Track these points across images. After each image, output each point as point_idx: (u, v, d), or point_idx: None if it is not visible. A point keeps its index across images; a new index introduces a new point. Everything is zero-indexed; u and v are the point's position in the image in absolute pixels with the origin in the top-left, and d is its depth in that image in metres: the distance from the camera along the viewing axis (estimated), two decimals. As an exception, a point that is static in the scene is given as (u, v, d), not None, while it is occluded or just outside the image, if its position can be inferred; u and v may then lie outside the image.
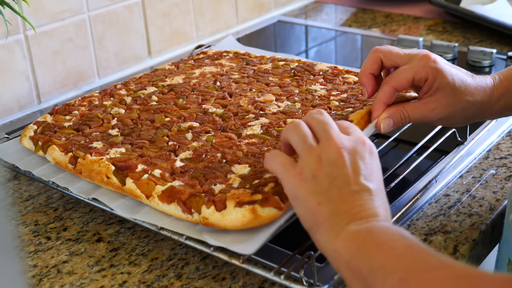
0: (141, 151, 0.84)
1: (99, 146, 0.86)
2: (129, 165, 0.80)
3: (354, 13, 1.63)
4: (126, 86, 1.04)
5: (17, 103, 1.16)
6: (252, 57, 1.14)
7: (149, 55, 1.37)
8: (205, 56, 1.16)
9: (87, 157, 0.83)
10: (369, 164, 0.66)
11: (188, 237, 0.73)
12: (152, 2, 1.34)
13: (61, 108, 0.98)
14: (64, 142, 0.88)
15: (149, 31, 1.35)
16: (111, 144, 0.86)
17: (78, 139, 0.88)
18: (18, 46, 1.14)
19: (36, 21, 1.15)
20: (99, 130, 0.91)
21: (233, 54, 1.16)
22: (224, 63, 1.11)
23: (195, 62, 1.14)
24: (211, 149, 0.83)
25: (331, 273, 0.72)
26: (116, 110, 0.96)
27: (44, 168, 0.87)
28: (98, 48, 1.27)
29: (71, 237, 0.83)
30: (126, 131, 0.90)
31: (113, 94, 1.02)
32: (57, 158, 0.86)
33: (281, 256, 0.76)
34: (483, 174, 0.92)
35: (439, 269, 0.55)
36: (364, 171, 0.65)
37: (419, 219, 0.83)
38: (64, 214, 0.88)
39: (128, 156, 0.83)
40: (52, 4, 1.17)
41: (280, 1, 1.65)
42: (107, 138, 0.88)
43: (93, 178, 0.82)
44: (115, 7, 1.28)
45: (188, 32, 1.44)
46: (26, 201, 0.91)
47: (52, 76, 1.20)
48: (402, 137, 1.01)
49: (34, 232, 0.84)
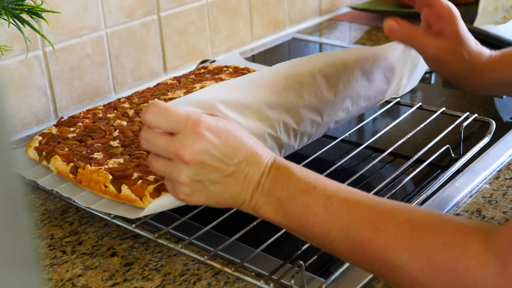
0: (138, 161, 0.87)
1: (99, 157, 0.89)
2: (126, 174, 0.83)
3: (368, 31, 1.64)
4: (129, 100, 1.08)
5: (35, 117, 1.18)
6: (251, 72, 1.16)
7: (165, 71, 1.39)
8: (206, 71, 1.19)
9: (87, 167, 0.86)
10: (220, 143, 0.68)
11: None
12: (169, 19, 1.36)
13: (66, 120, 1.01)
14: (67, 153, 0.91)
15: (165, 48, 1.37)
16: (111, 155, 0.89)
17: (80, 150, 0.91)
18: (36, 62, 1.16)
19: (55, 37, 1.17)
20: (101, 141, 0.94)
21: (233, 69, 1.19)
22: (224, 78, 1.14)
23: (196, 76, 1.17)
24: None
25: (321, 282, 0.74)
26: (119, 122, 0.99)
27: (48, 178, 0.91)
28: (114, 64, 1.29)
29: (86, 251, 0.85)
30: (127, 142, 0.93)
31: (116, 107, 1.05)
32: (59, 168, 0.89)
33: (273, 264, 0.77)
34: (493, 194, 0.92)
35: None
36: (224, 154, 0.68)
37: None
38: (79, 229, 0.89)
39: (125, 166, 0.86)
40: (71, 22, 1.19)
41: (294, 18, 1.67)
42: (108, 149, 0.91)
43: (92, 187, 0.84)
44: (132, 24, 1.30)
45: (204, 49, 1.46)
46: (43, 214, 0.93)
47: (69, 91, 1.22)
48: (398, 151, 1.01)
49: (49, 246, 0.86)
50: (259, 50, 1.54)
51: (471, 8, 1.57)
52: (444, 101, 1.20)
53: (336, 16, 1.76)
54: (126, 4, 1.28)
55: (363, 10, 1.70)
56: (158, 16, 1.34)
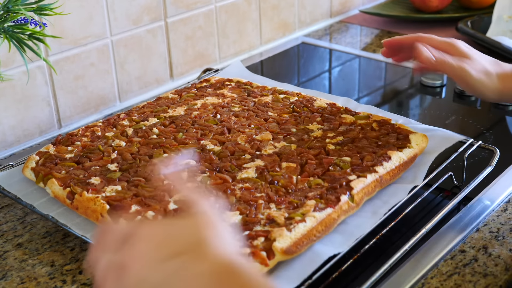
0: (136, 190, 0.86)
1: (97, 182, 0.88)
2: (123, 206, 0.82)
3: (379, 36, 1.61)
4: (129, 116, 1.06)
5: (38, 128, 1.17)
6: (254, 87, 1.15)
7: (171, 77, 1.37)
8: (208, 85, 1.17)
9: (84, 194, 0.85)
10: None
11: None
12: (176, 25, 1.34)
13: (64, 138, 1.00)
14: (64, 176, 0.90)
15: (171, 54, 1.35)
16: (109, 181, 0.88)
17: (78, 173, 0.90)
18: (40, 72, 1.14)
19: (59, 47, 1.15)
20: (98, 163, 0.93)
21: (235, 83, 1.17)
22: (226, 93, 1.13)
23: (198, 91, 1.15)
24: (205, 192, 0.84)
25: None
26: (117, 142, 0.98)
27: (45, 201, 0.90)
28: (120, 72, 1.27)
29: (86, 281, 0.84)
30: (125, 166, 0.92)
31: (115, 124, 1.03)
32: (55, 192, 0.88)
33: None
34: (500, 228, 0.91)
35: None
36: None
37: (433, 277, 0.82)
38: (80, 255, 0.88)
39: (123, 195, 0.85)
40: (75, 31, 1.17)
41: (304, 21, 1.64)
42: (105, 173, 0.90)
43: (89, 216, 0.84)
44: (138, 31, 1.28)
45: (211, 54, 1.43)
46: (43, 238, 0.92)
47: (73, 100, 1.21)
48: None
49: (50, 274, 0.85)
50: (268, 55, 1.51)
51: (485, 16, 1.54)
52: (454, 120, 1.18)
53: (347, 18, 1.73)
54: (132, 11, 1.25)
55: (374, 15, 1.67)
56: (165, 22, 1.32)
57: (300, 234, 0.76)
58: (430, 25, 1.63)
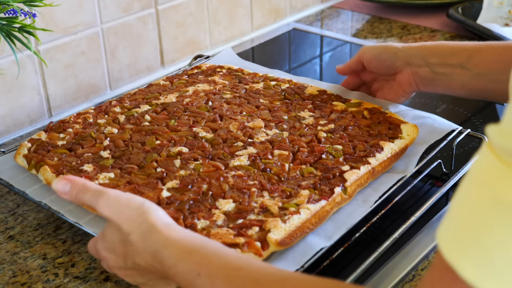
0: (129, 177, 0.86)
1: (90, 169, 0.88)
2: None
3: (370, 21, 1.61)
4: (120, 103, 1.05)
5: (28, 117, 1.16)
6: (245, 74, 1.15)
7: (162, 65, 1.36)
8: (199, 72, 1.17)
9: None
10: None
11: None
12: (166, 12, 1.33)
13: (56, 125, 0.99)
14: (56, 163, 0.90)
15: (162, 41, 1.34)
16: (101, 168, 0.88)
17: (70, 160, 0.90)
18: (29, 61, 1.14)
19: (49, 35, 1.14)
20: (91, 150, 0.92)
21: (227, 70, 1.17)
22: (217, 80, 1.13)
23: (189, 77, 1.15)
24: (197, 179, 0.84)
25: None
26: (109, 129, 0.98)
27: (38, 188, 0.89)
28: (110, 60, 1.26)
29: (79, 274, 0.84)
30: (117, 153, 0.92)
31: (107, 111, 1.03)
32: (48, 179, 0.88)
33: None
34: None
35: None
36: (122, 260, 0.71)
37: (424, 269, 0.83)
38: (72, 248, 0.88)
39: (116, 182, 0.85)
40: (66, 19, 1.16)
41: (296, 6, 1.63)
42: (98, 160, 0.90)
43: None
44: (129, 19, 1.27)
45: (202, 41, 1.43)
46: (35, 230, 0.92)
47: (63, 89, 1.20)
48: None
49: (42, 268, 0.85)
50: (259, 42, 1.51)
51: (476, 2, 1.53)
52: (445, 109, 1.18)
53: (338, 3, 1.72)
54: (122, -1, 1.24)
55: (365, 0, 1.66)
56: (156, 9, 1.31)
57: (294, 226, 0.76)
58: (420, 11, 1.62)
